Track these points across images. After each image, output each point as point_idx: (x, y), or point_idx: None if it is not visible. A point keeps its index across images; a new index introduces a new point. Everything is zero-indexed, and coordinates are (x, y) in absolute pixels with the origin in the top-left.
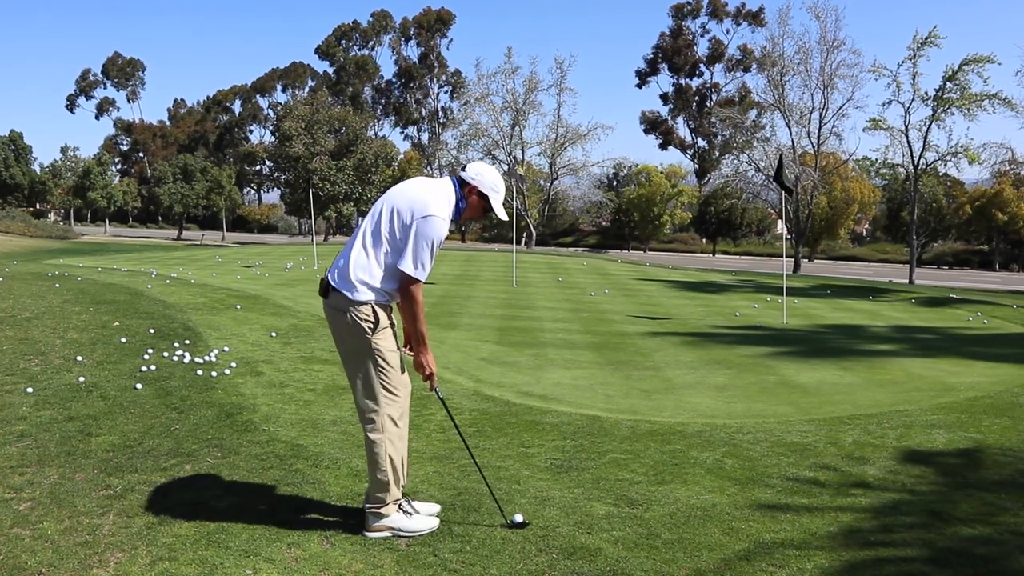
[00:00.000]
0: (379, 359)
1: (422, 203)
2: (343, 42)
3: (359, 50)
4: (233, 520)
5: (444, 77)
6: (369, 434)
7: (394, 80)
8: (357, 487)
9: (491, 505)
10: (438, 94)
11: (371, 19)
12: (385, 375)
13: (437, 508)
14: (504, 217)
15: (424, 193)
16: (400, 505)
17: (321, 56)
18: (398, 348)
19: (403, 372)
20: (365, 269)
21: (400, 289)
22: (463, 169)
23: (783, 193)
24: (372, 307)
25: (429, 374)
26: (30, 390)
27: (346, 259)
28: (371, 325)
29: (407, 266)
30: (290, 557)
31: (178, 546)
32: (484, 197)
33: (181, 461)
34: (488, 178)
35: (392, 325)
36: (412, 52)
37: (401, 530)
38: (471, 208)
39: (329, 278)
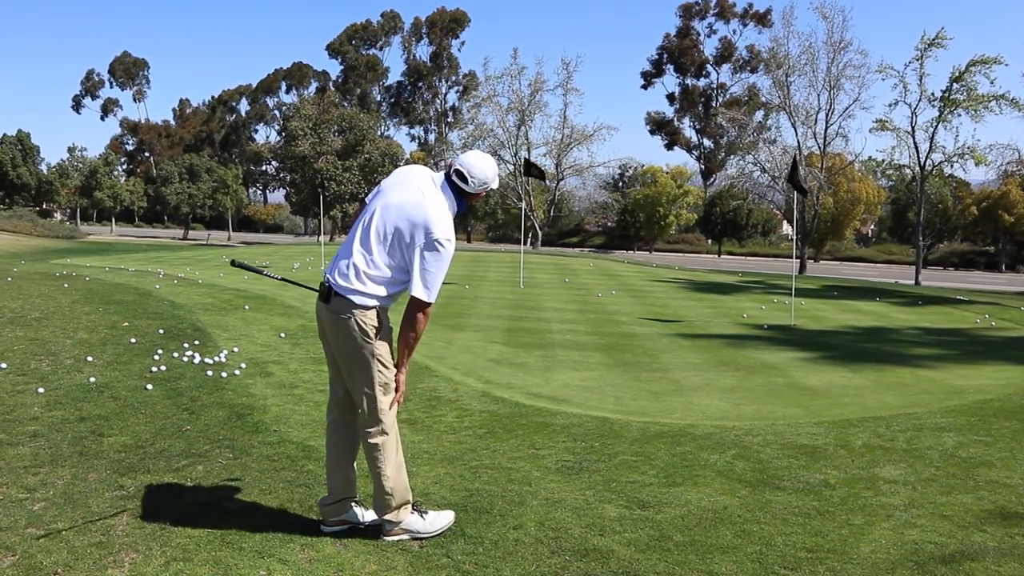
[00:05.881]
0: (380, 363)
1: (424, 221)
2: (353, 41)
3: (368, 49)
4: (246, 521)
5: (454, 77)
6: (372, 439)
7: (403, 79)
8: (369, 489)
9: (503, 507)
10: (446, 94)
11: (381, 19)
12: (385, 379)
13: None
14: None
15: (426, 210)
16: (414, 506)
17: (332, 54)
18: (393, 355)
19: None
20: (369, 273)
21: (407, 310)
22: (460, 177)
23: (796, 194)
24: (377, 312)
25: (398, 393)
26: (41, 390)
27: (347, 262)
28: (375, 330)
29: (419, 292)
30: (304, 558)
31: (192, 547)
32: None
33: (193, 462)
34: (489, 177)
35: (390, 330)
36: (423, 51)
37: (419, 532)
38: (470, 200)
39: (331, 283)
